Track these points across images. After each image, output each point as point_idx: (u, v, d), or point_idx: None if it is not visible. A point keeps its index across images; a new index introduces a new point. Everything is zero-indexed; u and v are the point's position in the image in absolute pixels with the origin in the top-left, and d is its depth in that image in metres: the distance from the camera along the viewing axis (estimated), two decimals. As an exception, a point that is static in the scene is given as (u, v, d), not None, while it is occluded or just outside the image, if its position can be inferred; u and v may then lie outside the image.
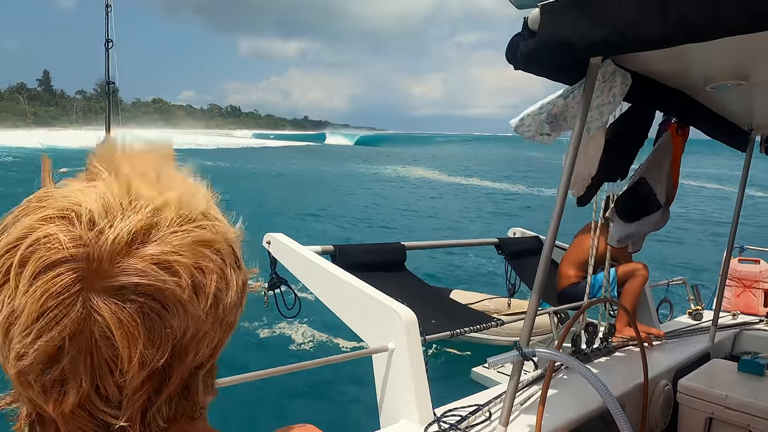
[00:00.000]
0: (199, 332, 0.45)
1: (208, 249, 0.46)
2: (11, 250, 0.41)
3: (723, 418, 2.42)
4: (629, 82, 1.77)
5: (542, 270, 1.63)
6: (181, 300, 0.43)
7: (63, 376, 0.41)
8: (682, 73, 1.89)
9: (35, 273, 0.40)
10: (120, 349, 0.41)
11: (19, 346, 0.40)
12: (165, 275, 0.42)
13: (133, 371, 0.42)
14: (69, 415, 0.43)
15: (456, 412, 1.99)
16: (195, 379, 0.48)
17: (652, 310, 3.53)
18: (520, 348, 1.62)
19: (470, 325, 2.41)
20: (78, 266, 0.40)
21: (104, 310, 0.41)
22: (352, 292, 2.25)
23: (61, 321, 0.40)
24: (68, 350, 0.41)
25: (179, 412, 0.48)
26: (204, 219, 0.47)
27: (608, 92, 1.77)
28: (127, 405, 0.43)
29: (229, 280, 0.47)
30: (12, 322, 0.41)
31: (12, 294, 0.41)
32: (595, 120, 1.84)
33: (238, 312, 0.50)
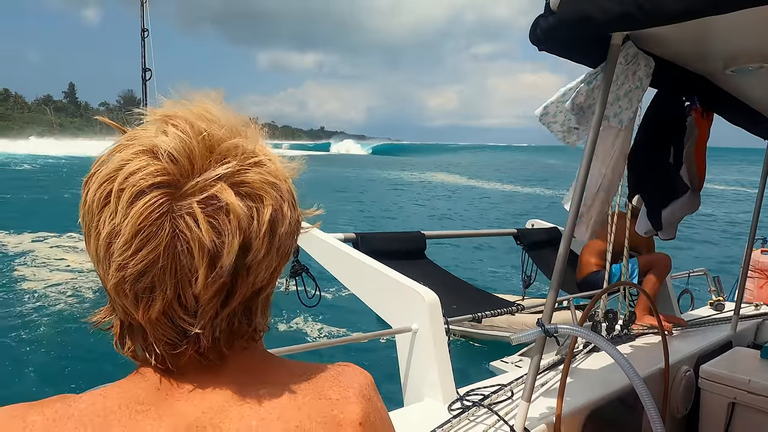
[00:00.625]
0: (258, 254, 0.52)
1: (271, 186, 0.53)
2: (110, 179, 0.49)
3: (746, 403, 2.42)
4: (652, 65, 1.79)
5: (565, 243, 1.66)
6: (246, 226, 0.50)
7: (152, 284, 0.49)
8: (702, 55, 1.91)
9: (131, 198, 0.48)
10: (196, 259, 0.49)
11: (120, 258, 0.48)
12: (235, 202, 0.49)
13: (205, 281, 0.49)
14: (155, 322, 0.50)
15: (479, 392, 2.03)
16: (255, 301, 0.55)
17: (673, 300, 3.52)
18: (542, 324, 1.65)
19: (491, 309, 2.45)
20: (165, 191, 0.48)
21: (185, 227, 0.48)
22: (375, 275, 2.31)
23: (154, 237, 0.48)
24: (159, 262, 0.48)
25: (242, 329, 0.55)
26: (268, 160, 0.54)
27: (633, 76, 1.79)
28: (201, 314, 0.51)
29: (285, 214, 0.54)
30: (113, 239, 0.48)
31: (113, 215, 0.48)
32: (626, 109, 1.83)
33: (292, 244, 0.57)
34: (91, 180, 0.50)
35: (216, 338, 0.53)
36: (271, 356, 0.61)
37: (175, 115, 0.52)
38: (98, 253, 0.50)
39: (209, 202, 0.49)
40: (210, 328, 0.52)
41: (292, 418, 0.54)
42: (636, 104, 1.82)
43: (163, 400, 0.52)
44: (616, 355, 1.53)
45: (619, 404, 2.22)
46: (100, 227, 0.49)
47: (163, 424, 0.51)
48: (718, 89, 2.34)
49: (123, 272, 0.49)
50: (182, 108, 0.53)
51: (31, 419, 0.50)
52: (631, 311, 2.98)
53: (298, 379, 0.58)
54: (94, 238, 0.50)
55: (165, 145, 0.49)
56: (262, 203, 0.52)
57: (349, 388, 0.60)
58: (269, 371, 0.58)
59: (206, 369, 0.55)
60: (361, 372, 0.63)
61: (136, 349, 0.54)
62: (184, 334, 0.51)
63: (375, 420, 0.60)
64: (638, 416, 2.32)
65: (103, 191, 0.49)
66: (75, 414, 0.50)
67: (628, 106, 1.80)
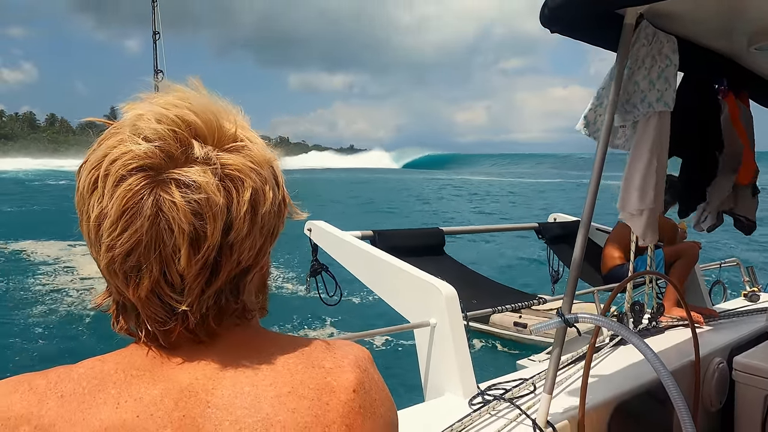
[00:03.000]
0: (240, 233, 0.54)
1: (250, 168, 0.55)
2: (97, 166, 0.52)
3: (783, 395, 2.31)
4: (675, 42, 1.74)
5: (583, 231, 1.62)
6: (225, 206, 0.52)
7: (139, 263, 0.52)
8: (724, 32, 1.84)
9: (116, 181, 0.51)
10: (177, 238, 0.51)
11: (108, 239, 0.51)
12: (212, 183, 0.52)
13: (188, 259, 0.52)
14: (144, 300, 0.53)
15: (500, 386, 1.99)
16: (243, 279, 0.57)
17: (703, 291, 3.40)
18: (562, 314, 1.61)
19: (511, 303, 2.41)
20: (146, 174, 0.51)
21: (166, 208, 0.51)
22: (392, 271, 2.29)
23: (137, 218, 0.50)
24: (143, 241, 0.51)
25: (229, 307, 0.57)
26: (249, 143, 0.56)
27: (659, 55, 1.73)
28: (188, 292, 0.53)
29: (266, 194, 0.56)
30: (102, 221, 0.52)
31: (100, 198, 0.52)
32: (667, 90, 1.77)
33: (278, 225, 0.59)
34: (83, 168, 0.54)
35: (204, 315, 0.55)
36: (265, 332, 0.61)
37: (156, 102, 0.54)
38: (90, 235, 0.54)
39: (188, 184, 0.51)
40: (197, 305, 0.54)
41: (285, 384, 0.55)
42: (673, 83, 1.76)
43: (158, 368, 0.55)
44: (639, 344, 1.48)
45: (648, 398, 2.15)
46: (90, 211, 0.53)
47: (157, 387, 0.53)
48: (745, 70, 2.26)
49: (112, 252, 0.52)
50: (164, 96, 0.55)
51: (35, 383, 0.54)
52: (659, 303, 2.89)
53: (291, 350, 0.59)
54: (86, 221, 0.54)
55: (146, 131, 0.52)
56: (242, 184, 0.54)
57: (343, 359, 0.60)
58: (262, 344, 0.59)
59: (198, 344, 0.57)
60: (358, 346, 0.64)
61: (129, 327, 0.57)
62: (172, 311, 0.54)
63: (370, 389, 0.59)
64: (669, 411, 2.23)
65: (92, 177, 0.53)
66: (74, 377, 0.54)
67: (667, 86, 1.74)
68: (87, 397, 0.52)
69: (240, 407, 0.53)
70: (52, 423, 0.50)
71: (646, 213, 1.88)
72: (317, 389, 0.56)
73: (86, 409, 0.51)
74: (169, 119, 0.52)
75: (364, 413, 0.57)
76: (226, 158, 0.54)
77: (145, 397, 0.52)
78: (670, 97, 1.80)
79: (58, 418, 0.50)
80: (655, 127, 1.83)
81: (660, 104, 1.79)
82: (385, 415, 0.60)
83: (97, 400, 0.51)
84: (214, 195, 0.52)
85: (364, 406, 0.57)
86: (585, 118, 1.86)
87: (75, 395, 0.52)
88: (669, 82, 1.78)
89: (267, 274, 0.64)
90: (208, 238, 0.52)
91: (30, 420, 0.50)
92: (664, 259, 3.21)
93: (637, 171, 1.84)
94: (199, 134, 0.54)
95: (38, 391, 0.52)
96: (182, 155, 0.52)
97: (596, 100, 1.81)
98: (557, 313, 1.62)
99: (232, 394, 0.54)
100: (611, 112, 1.68)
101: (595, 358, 2.32)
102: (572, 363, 2.25)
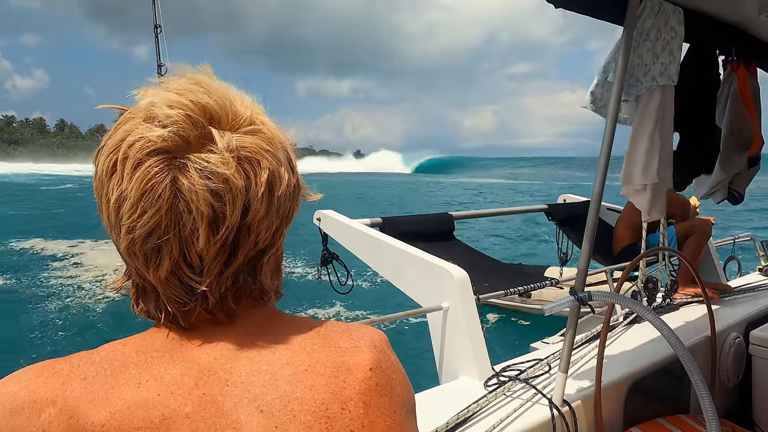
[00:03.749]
0: (257, 214, 0.55)
1: (266, 150, 0.56)
2: (116, 150, 0.53)
3: (802, 368, 2.30)
4: (681, 14, 1.70)
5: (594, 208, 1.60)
6: (244, 188, 0.53)
7: (159, 245, 0.53)
8: (733, 1, 1.80)
9: (134, 164, 0.52)
10: (197, 219, 0.52)
11: (128, 221, 0.52)
12: (231, 164, 0.53)
13: (207, 240, 0.52)
14: (164, 281, 0.54)
15: (515, 367, 1.99)
16: (260, 260, 0.58)
17: (718, 267, 3.37)
18: (576, 292, 1.60)
19: (524, 284, 2.40)
20: (164, 157, 0.52)
21: (185, 190, 0.51)
22: (403, 257, 2.29)
23: (157, 199, 0.51)
24: (162, 222, 0.52)
25: (247, 287, 0.58)
26: (263, 126, 0.57)
27: (665, 27, 1.70)
28: (207, 273, 0.54)
29: (282, 176, 0.57)
30: (121, 203, 0.52)
31: (120, 181, 0.52)
32: (671, 63, 1.74)
33: (293, 207, 0.60)
34: (100, 152, 0.55)
35: (223, 295, 0.56)
36: (282, 313, 0.62)
37: (169, 87, 0.55)
38: (110, 219, 0.55)
39: (206, 166, 0.52)
40: (216, 285, 0.55)
41: (302, 363, 0.56)
42: (678, 56, 1.73)
43: (177, 349, 0.56)
44: (654, 320, 1.47)
45: (664, 375, 2.14)
46: (109, 194, 0.54)
47: (177, 367, 0.54)
48: (755, 39, 2.21)
49: (132, 234, 0.53)
50: (177, 81, 0.56)
51: (59, 367, 0.55)
52: (673, 280, 2.87)
53: (308, 331, 0.60)
54: (105, 204, 0.55)
55: (161, 116, 0.53)
56: (259, 166, 0.55)
57: (360, 339, 0.61)
58: (279, 325, 0.60)
59: (216, 325, 0.58)
60: (374, 329, 0.64)
61: (149, 309, 0.58)
62: (192, 292, 0.55)
63: (387, 368, 0.60)
64: (686, 387, 2.23)
65: (110, 161, 0.54)
66: (96, 360, 0.55)
67: (671, 60, 1.71)
68: (109, 378, 0.53)
69: (258, 385, 0.54)
70: (76, 404, 0.51)
71: (650, 188, 1.86)
72: (334, 367, 0.56)
73: (109, 390, 0.52)
74: (183, 103, 0.53)
75: (381, 391, 0.57)
76: (242, 141, 0.54)
77: (166, 377, 0.53)
78: (674, 71, 1.77)
79: (81, 399, 0.51)
80: (659, 101, 1.80)
81: (664, 78, 1.76)
82: (402, 395, 0.60)
83: (119, 380, 0.52)
84: (233, 177, 0.53)
85: (381, 384, 0.58)
86: (591, 94, 1.83)
87: (98, 377, 0.53)
88: (674, 55, 1.74)
89: (281, 257, 0.65)
90: (227, 219, 0.53)
91: (55, 402, 0.51)
92: (676, 236, 3.18)
93: (640, 146, 1.82)
94: (215, 117, 0.54)
95: (62, 375, 0.54)
96: (198, 138, 0.53)
97: (602, 74, 1.78)
98: (570, 291, 1.62)
99: (249, 372, 0.55)
100: (619, 87, 1.65)
101: (609, 336, 2.31)
102: (586, 342, 2.24)
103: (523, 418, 1.65)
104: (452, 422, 1.55)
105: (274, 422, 0.52)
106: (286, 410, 0.53)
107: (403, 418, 0.59)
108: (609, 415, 1.84)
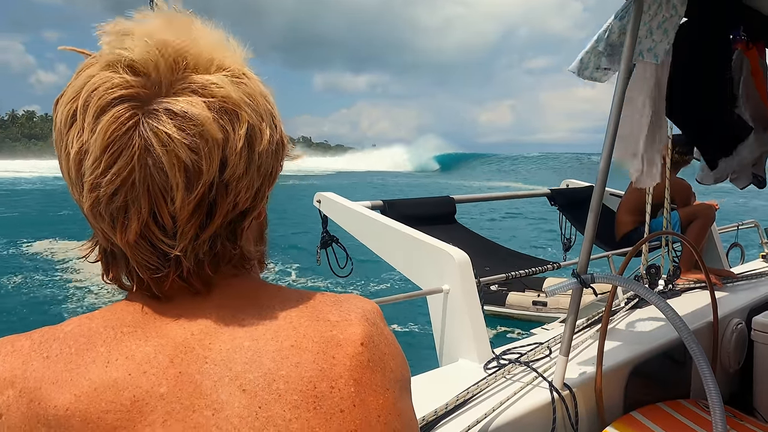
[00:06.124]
0: (236, 171, 0.49)
1: (246, 103, 0.51)
2: (75, 97, 0.47)
3: (804, 354, 2.28)
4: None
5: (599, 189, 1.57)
6: (220, 140, 0.48)
7: (126, 204, 0.47)
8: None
9: (96, 113, 0.46)
10: (169, 174, 0.47)
11: (91, 177, 0.47)
12: (206, 115, 0.47)
13: (182, 198, 0.47)
14: (134, 245, 0.49)
15: (515, 351, 1.98)
16: (240, 224, 0.53)
17: (721, 253, 3.35)
18: (578, 275, 1.58)
19: (525, 269, 2.38)
20: (131, 104, 0.46)
21: (156, 142, 0.46)
22: (403, 239, 2.27)
23: (123, 153, 0.46)
24: (130, 179, 0.46)
25: (226, 253, 0.53)
26: (244, 77, 0.52)
27: (667, 4, 1.65)
28: (181, 236, 0.49)
29: (263, 131, 0.52)
30: (83, 157, 0.47)
31: (80, 133, 0.47)
32: (661, 42, 1.70)
33: (277, 167, 0.55)
34: (60, 100, 0.50)
35: (199, 261, 0.52)
36: (267, 284, 0.58)
37: (138, 27, 0.49)
38: (70, 175, 0.49)
39: (180, 114, 0.47)
40: (191, 250, 0.50)
41: (288, 338, 0.51)
42: (672, 35, 1.69)
43: (150, 323, 0.51)
44: (658, 302, 1.45)
45: (665, 360, 2.13)
46: (69, 146, 0.48)
47: (150, 344, 0.50)
48: (764, 17, 2.16)
49: (96, 192, 0.48)
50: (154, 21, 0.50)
51: (19, 344, 0.50)
52: (676, 266, 2.85)
53: (295, 303, 0.55)
54: (65, 158, 0.49)
55: (129, 58, 0.47)
56: (237, 118, 0.50)
57: (351, 312, 0.56)
58: (263, 297, 0.56)
59: (194, 295, 0.53)
60: (366, 300, 0.60)
61: (120, 277, 0.53)
62: (164, 257, 0.50)
63: (379, 342, 0.56)
64: (687, 371, 2.22)
65: (70, 109, 0.48)
66: (60, 336, 0.50)
67: (663, 38, 1.67)
68: (74, 357, 0.48)
69: (239, 362, 0.50)
70: (37, 386, 0.46)
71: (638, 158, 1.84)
72: (322, 343, 0.52)
73: (74, 369, 0.47)
74: (157, 44, 0.48)
75: (373, 367, 0.53)
76: (221, 90, 0.49)
77: (137, 355, 0.49)
78: (662, 51, 1.72)
79: (43, 380, 0.47)
80: (642, 76, 1.76)
81: (650, 55, 1.71)
82: (395, 370, 0.56)
83: (86, 359, 0.48)
84: (209, 128, 0.47)
85: (373, 360, 0.54)
86: (580, 61, 1.80)
87: (61, 355, 0.48)
88: (668, 33, 1.70)
89: (265, 224, 0.61)
90: (202, 175, 0.48)
91: (14, 383, 0.47)
92: (680, 221, 3.15)
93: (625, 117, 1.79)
94: (190, 62, 0.49)
95: (22, 353, 0.49)
96: (172, 83, 0.48)
97: (595, 43, 1.74)
98: (573, 273, 1.59)
99: (230, 348, 0.50)
100: (627, 64, 1.60)
101: (610, 321, 2.29)
102: (588, 326, 2.23)
103: (523, 400, 1.64)
104: (452, 404, 1.53)
105: (257, 402, 0.48)
106: (271, 389, 0.49)
107: (397, 395, 0.55)
108: (609, 398, 1.83)
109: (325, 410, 0.49)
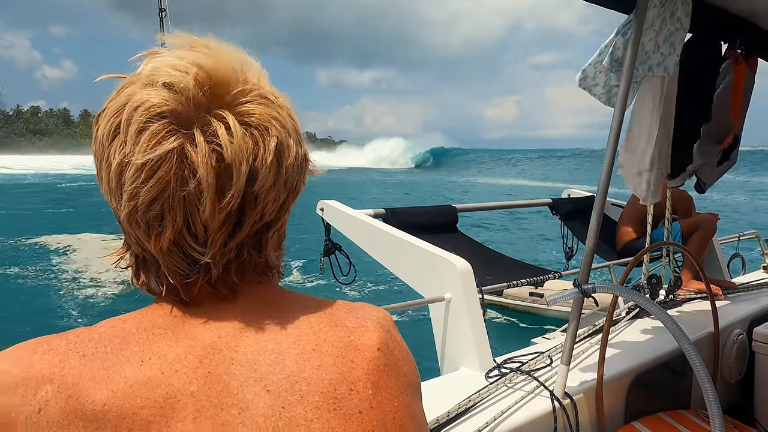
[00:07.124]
0: (264, 184, 0.53)
1: (275, 119, 0.54)
2: (118, 113, 0.51)
3: (805, 365, 2.28)
4: (689, 5, 1.68)
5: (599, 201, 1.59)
6: (251, 154, 0.52)
7: (162, 212, 0.50)
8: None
9: (139, 128, 0.50)
10: (203, 185, 0.50)
11: (131, 187, 0.50)
12: (238, 130, 0.51)
13: (213, 208, 0.51)
14: (166, 252, 0.52)
15: (516, 360, 1.99)
16: (265, 234, 0.56)
17: (722, 264, 3.35)
18: (579, 285, 1.59)
19: (526, 277, 2.39)
20: (170, 121, 0.50)
21: (192, 154, 0.50)
22: (405, 247, 2.28)
23: (162, 164, 0.49)
24: (167, 189, 0.50)
25: (252, 261, 0.56)
26: (272, 95, 0.56)
27: (671, 18, 1.67)
28: (211, 244, 0.52)
29: (290, 147, 0.55)
30: (124, 168, 0.50)
31: (122, 145, 0.50)
32: (670, 55, 1.72)
33: (300, 181, 0.58)
34: (101, 116, 0.53)
35: (227, 268, 0.55)
36: (287, 291, 0.61)
37: (175, 53, 0.53)
38: (110, 185, 0.52)
39: (213, 130, 0.51)
40: (220, 257, 0.53)
41: (309, 342, 0.55)
42: (679, 48, 1.71)
43: (180, 326, 0.54)
44: (659, 312, 1.46)
45: (665, 370, 2.13)
46: (110, 158, 0.51)
47: (180, 345, 0.53)
48: (763, 32, 2.18)
49: (135, 201, 0.51)
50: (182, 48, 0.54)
51: (55, 343, 0.53)
52: (677, 276, 2.86)
53: (314, 310, 0.58)
54: (106, 170, 0.52)
55: (167, 78, 0.51)
56: (267, 133, 0.53)
57: (366, 319, 0.60)
58: (284, 303, 0.59)
59: (220, 300, 0.56)
60: (378, 308, 0.63)
61: (150, 282, 0.56)
62: (194, 263, 0.53)
63: (393, 348, 0.59)
64: (688, 381, 2.22)
65: (112, 124, 0.51)
66: (95, 336, 0.53)
67: (671, 51, 1.68)
68: (110, 355, 0.51)
69: (264, 364, 0.53)
70: (75, 382, 0.49)
71: (645, 175, 1.85)
72: (341, 347, 0.55)
73: (110, 367, 0.50)
74: (188, 67, 0.51)
75: (389, 372, 0.56)
76: (251, 107, 0.53)
77: (169, 355, 0.52)
78: (672, 63, 1.75)
79: (81, 377, 0.49)
80: (652, 91, 1.79)
81: (660, 69, 1.74)
82: (408, 375, 0.59)
83: (120, 358, 0.51)
84: (240, 142, 0.51)
85: (389, 365, 0.57)
86: (584, 72, 1.82)
87: (97, 354, 0.51)
88: (675, 47, 1.72)
89: (284, 235, 0.63)
90: (232, 186, 0.51)
91: (52, 379, 0.50)
92: (681, 232, 3.16)
93: (633, 133, 1.81)
94: (222, 81, 0.53)
95: (59, 351, 0.51)
96: (205, 102, 0.52)
97: (598, 56, 1.76)
98: (574, 283, 1.61)
99: (255, 351, 0.53)
100: (627, 79, 1.63)
101: (611, 331, 2.30)
102: (589, 336, 2.24)
103: (524, 409, 1.64)
104: (453, 412, 1.54)
105: (281, 403, 0.51)
106: (293, 390, 0.51)
107: (410, 399, 0.58)
108: (610, 408, 1.84)
109: (344, 411, 0.52)
